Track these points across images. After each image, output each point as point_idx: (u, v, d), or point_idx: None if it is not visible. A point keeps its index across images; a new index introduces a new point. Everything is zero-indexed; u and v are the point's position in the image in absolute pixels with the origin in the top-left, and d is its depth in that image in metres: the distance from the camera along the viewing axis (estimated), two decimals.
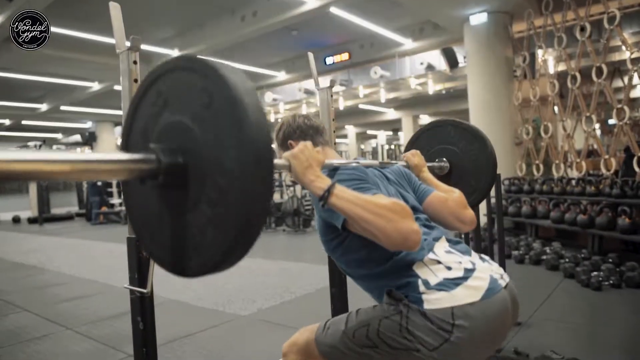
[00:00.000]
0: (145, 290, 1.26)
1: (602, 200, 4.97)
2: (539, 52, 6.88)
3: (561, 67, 6.95)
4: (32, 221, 14.00)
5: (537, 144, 7.11)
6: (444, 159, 1.89)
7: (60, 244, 8.78)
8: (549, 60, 6.92)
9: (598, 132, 8.04)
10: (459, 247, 1.23)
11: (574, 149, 6.43)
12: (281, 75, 11.83)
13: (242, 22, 7.91)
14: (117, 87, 10.92)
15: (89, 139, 16.01)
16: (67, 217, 14.82)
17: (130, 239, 1.28)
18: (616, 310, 3.35)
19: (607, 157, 5.78)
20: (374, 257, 1.19)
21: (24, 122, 15.94)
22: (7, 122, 16.13)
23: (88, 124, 17.10)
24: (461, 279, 1.11)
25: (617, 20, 5.57)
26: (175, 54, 9.22)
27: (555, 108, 6.72)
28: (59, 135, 20.24)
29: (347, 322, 1.24)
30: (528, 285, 4.11)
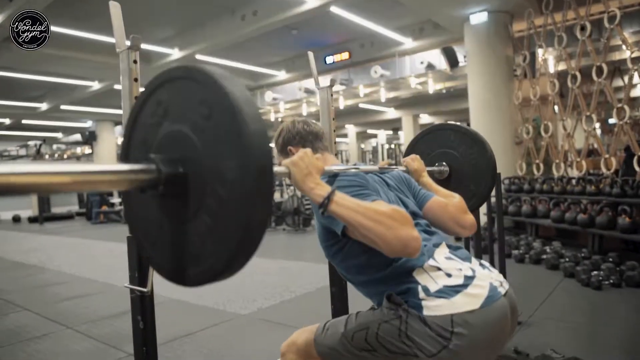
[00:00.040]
0: (145, 290, 1.26)
1: (603, 200, 4.97)
2: (539, 52, 6.88)
3: (561, 67, 6.94)
4: (32, 220, 14.02)
5: (538, 143, 7.11)
6: (444, 163, 1.89)
7: (60, 243, 8.79)
8: (549, 59, 6.92)
9: (598, 132, 8.04)
10: (459, 253, 1.23)
11: (574, 148, 6.43)
12: (281, 75, 11.83)
13: (242, 21, 7.91)
14: (117, 87, 10.92)
15: (89, 138, 16.00)
16: (68, 217, 14.84)
17: (131, 238, 1.28)
18: (616, 309, 3.36)
19: (607, 156, 5.78)
20: (374, 263, 1.19)
21: (24, 121, 15.94)
22: (8, 121, 16.14)
23: (88, 123, 17.10)
24: (461, 286, 1.11)
25: (618, 20, 5.57)
26: (175, 53, 9.23)
27: (556, 107, 6.72)
28: (59, 135, 20.25)
29: (346, 325, 1.24)
30: (528, 284, 4.11)
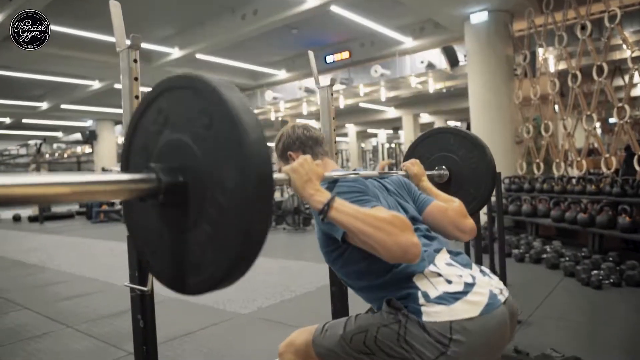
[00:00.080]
0: (145, 288, 1.26)
1: (603, 199, 4.97)
2: (540, 51, 6.87)
3: (562, 66, 6.93)
4: (32, 219, 14.02)
5: (538, 143, 7.11)
6: (444, 166, 1.89)
7: (60, 242, 8.79)
8: (549, 58, 6.91)
9: (599, 131, 8.03)
10: (460, 259, 1.24)
11: (574, 147, 6.43)
12: (281, 74, 11.83)
13: (242, 20, 7.91)
14: (117, 86, 10.91)
15: (90, 137, 16.02)
16: (68, 216, 14.84)
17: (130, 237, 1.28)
18: (616, 308, 3.36)
19: (607, 155, 5.78)
20: (374, 269, 1.19)
21: (25, 120, 15.96)
22: (8, 120, 16.16)
23: (88, 123, 17.12)
24: (461, 293, 1.11)
25: (618, 19, 5.56)
26: (175, 53, 9.23)
27: (556, 107, 6.71)
28: (59, 134, 20.26)
29: (345, 327, 1.24)
30: (528, 283, 4.12)
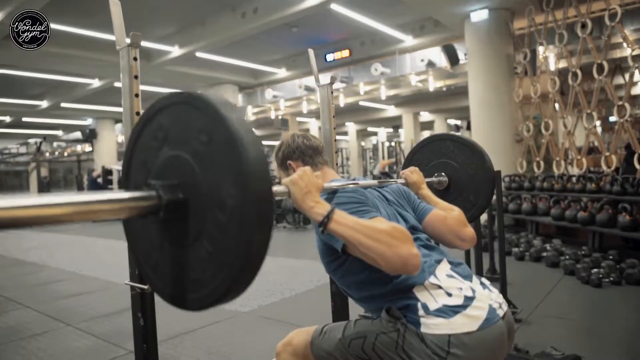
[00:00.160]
0: (145, 287, 1.27)
1: (603, 197, 4.97)
2: (540, 49, 6.87)
3: (562, 64, 6.93)
4: None
5: (538, 141, 7.11)
6: (443, 173, 1.89)
7: (60, 240, 8.80)
8: (549, 57, 6.91)
9: (599, 129, 8.02)
10: (461, 270, 1.24)
11: (574, 146, 6.43)
12: (282, 72, 11.82)
13: (242, 18, 7.90)
14: (117, 84, 10.91)
15: (90, 135, 16.02)
16: None
17: None
18: (616, 307, 3.36)
19: (607, 154, 5.78)
20: (374, 280, 1.20)
21: (25, 119, 15.96)
22: (8, 119, 16.15)
23: (88, 121, 17.12)
24: (460, 307, 1.11)
25: (619, 17, 5.56)
26: (175, 51, 9.22)
27: (556, 105, 6.71)
28: (59, 132, 20.25)
29: (344, 331, 1.25)
30: (528, 282, 4.12)
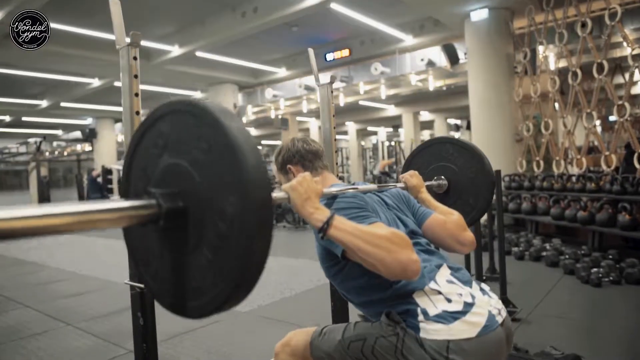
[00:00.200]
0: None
1: (603, 197, 4.97)
2: (540, 49, 6.87)
3: (562, 64, 6.93)
4: None
5: (538, 141, 7.11)
6: (442, 176, 1.90)
7: (60, 240, 8.79)
8: (549, 56, 6.90)
9: (599, 129, 8.02)
10: (460, 276, 1.24)
11: (574, 145, 6.43)
12: (282, 72, 11.81)
13: (242, 18, 7.90)
14: (117, 83, 10.91)
15: (89, 135, 16.01)
16: None
17: None
18: (616, 306, 3.36)
19: (607, 153, 5.78)
20: (374, 285, 1.20)
21: (24, 118, 15.95)
22: (8, 118, 16.14)
23: (88, 121, 17.11)
24: (460, 313, 1.12)
25: (619, 17, 5.56)
26: (175, 50, 9.21)
27: (556, 104, 6.71)
28: (59, 132, 20.24)
29: (344, 332, 1.25)
30: (528, 281, 4.12)
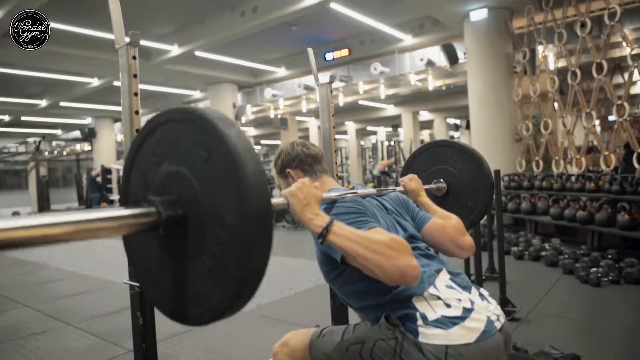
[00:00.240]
0: None
1: (602, 197, 4.98)
2: (539, 48, 6.87)
3: (561, 63, 6.93)
4: None
5: (537, 140, 7.11)
6: (441, 180, 1.90)
7: None
8: (549, 56, 6.91)
9: (598, 129, 8.03)
10: (460, 281, 1.24)
11: (573, 145, 6.43)
12: (281, 71, 11.80)
13: (242, 17, 7.89)
14: (116, 83, 10.88)
15: (89, 135, 15.99)
16: None
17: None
18: (615, 306, 3.37)
19: (606, 153, 5.78)
20: (373, 290, 1.20)
21: (24, 118, 15.92)
22: (7, 118, 16.12)
23: (88, 120, 17.09)
24: (459, 318, 1.12)
25: (618, 16, 5.56)
26: (174, 50, 9.20)
27: (555, 104, 6.71)
28: (58, 131, 20.22)
29: (343, 335, 1.26)
30: (527, 281, 4.12)
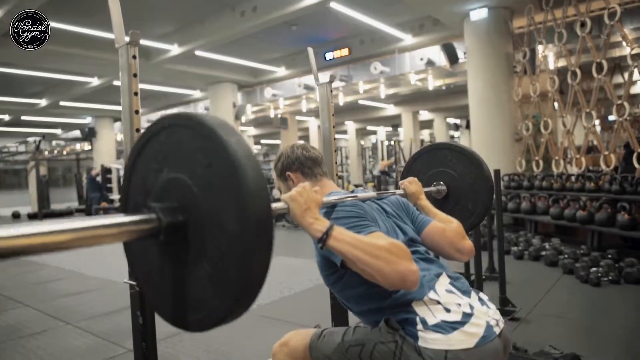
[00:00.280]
0: None
1: (602, 197, 4.98)
2: (539, 48, 6.87)
3: (561, 63, 6.93)
4: (32, 217, 14.00)
5: (537, 140, 7.11)
6: (441, 182, 1.90)
7: None
8: (549, 56, 6.91)
9: (598, 128, 8.03)
10: (460, 285, 1.24)
11: (573, 145, 6.43)
12: (281, 71, 11.80)
13: (241, 17, 7.89)
14: (116, 83, 10.88)
15: (89, 134, 15.97)
16: (67, 213, 14.81)
17: None
18: (615, 306, 3.37)
19: (606, 153, 5.78)
20: (373, 294, 1.20)
21: (24, 117, 15.91)
22: (7, 117, 16.11)
23: (87, 120, 17.08)
24: (459, 323, 1.12)
25: (618, 16, 5.56)
26: (174, 49, 9.20)
27: (555, 104, 6.71)
28: (58, 131, 20.21)
29: (344, 336, 1.26)
30: (527, 281, 4.12)
